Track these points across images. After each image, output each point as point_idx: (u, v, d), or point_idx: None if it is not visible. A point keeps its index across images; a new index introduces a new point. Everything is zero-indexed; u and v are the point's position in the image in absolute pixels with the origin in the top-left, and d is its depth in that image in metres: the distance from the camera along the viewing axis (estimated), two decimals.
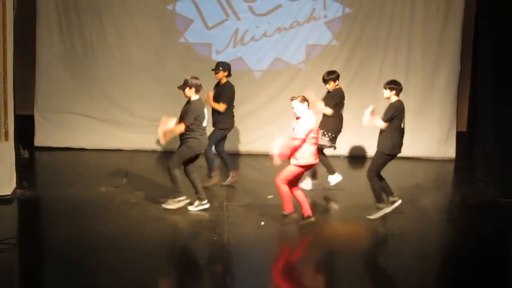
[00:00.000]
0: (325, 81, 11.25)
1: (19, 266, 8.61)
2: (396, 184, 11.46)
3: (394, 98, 10.12)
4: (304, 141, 9.53)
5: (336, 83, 11.27)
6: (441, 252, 9.64)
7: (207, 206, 10.31)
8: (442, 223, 10.62)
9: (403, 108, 10.12)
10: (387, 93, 10.16)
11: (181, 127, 9.97)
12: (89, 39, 13.43)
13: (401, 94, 10.18)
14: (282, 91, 13.59)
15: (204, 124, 10.17)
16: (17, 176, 10.80)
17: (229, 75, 11.35)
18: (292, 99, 9.66)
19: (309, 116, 9.61)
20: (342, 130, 11.37)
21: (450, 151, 13.75)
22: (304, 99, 9.62)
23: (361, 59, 13.67)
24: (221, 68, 11.30)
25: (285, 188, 9.70)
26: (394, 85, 10.14)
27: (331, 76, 11.23)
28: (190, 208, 10.30)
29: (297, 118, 9.61)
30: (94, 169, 12.29)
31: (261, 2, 13.57)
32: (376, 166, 10.19)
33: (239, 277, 8.59)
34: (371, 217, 10.17)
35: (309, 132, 9.54)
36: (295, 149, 9.55)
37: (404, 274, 8.69)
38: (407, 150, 10.29)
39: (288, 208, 9.80)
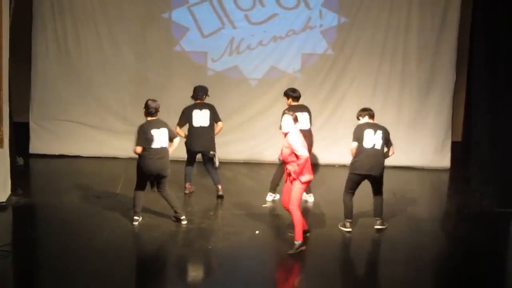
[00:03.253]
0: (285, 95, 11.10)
1: (13, 273, 8.61)
2: (391, 193, 11.47)
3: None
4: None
5: (289, 101, 10.98)
6: (435, 261, 9.63)
7: (185, 222, 10.19)
8: (437, 232, 10.60)
9: None
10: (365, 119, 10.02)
11: (137, 149, 9.90)
12: (85, 46, 13.43)
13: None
14: (277, 99, 13.53)
15: (154, 145, 9.90)
16: (12, 183, 10.80)
17: (193, 96, 11.24)
18: (286, 113, 9.31)
19: (296, 131, 9.27)
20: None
21: (445, 161, 13.74)
22: (296, 119, 9.28)
23: (356, 68, 13.64)
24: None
25: (298, 214, 9.32)
26: (366, 111, 10.04)
27: (291, 93, 11.01)
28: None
29: (285, 134, 9.25)
30: (89, 176, 12.27)
31: (257, 11, 13.57)
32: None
33: (234, 286, 8.57)
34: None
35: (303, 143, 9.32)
36: (304, 166, 9.19)
37: (398, 283, 8.71)
38: (402, 159, 10.29)
39: (299, 237, 9.35)
